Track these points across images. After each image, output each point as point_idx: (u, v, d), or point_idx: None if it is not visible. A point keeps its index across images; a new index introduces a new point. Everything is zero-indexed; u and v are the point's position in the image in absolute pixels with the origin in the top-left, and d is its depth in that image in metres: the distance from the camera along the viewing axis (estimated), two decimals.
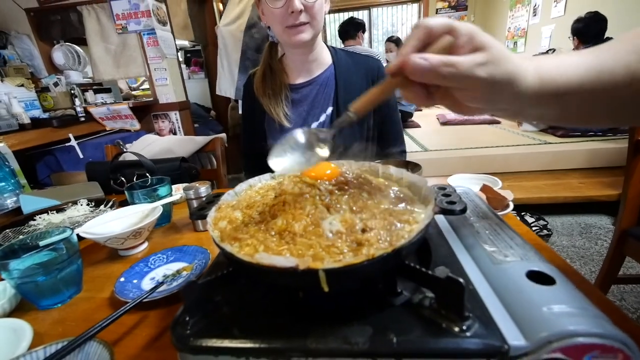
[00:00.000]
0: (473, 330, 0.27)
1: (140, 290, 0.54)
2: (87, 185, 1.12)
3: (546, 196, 2.24)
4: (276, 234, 0.33)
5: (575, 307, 0.26)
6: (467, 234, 0.40)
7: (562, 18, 3.93)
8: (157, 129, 2.97)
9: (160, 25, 2.67)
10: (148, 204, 0.74)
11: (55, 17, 2.74)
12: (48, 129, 2.14)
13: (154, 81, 2.79)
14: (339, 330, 0.29)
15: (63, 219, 0.89)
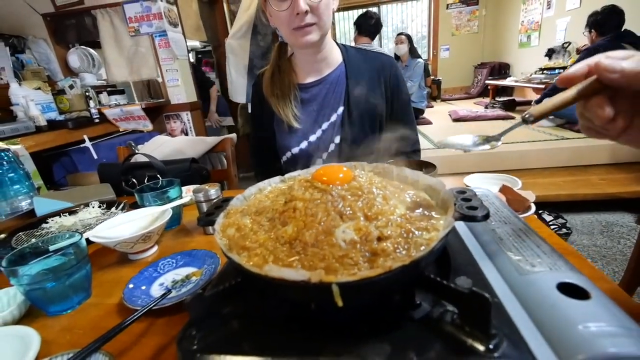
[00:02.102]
0: (501, 351, 0.24)
1: (149, 297, 0.53)
2: (99, 187, 1.13)
3: (564, 193, 2.17)
4: (286, 242, 0.31)
5: (615, 325, 0.24)
6: (488, 240, 0.38)
7: (578, 10, 3.81)
8: (168, 129, 3.02)
9: (171, 27, 2.71)
10: (157, 206, 0.73)
11: (70, 21, 2.81)
12: (64, 131, 2.20)
13: (166, 82, 2.84)
14: (355, 348, 0.27)
15: (75, 221, 0.88)
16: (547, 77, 3.68)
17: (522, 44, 5.39)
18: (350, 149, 0.92)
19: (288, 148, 0.97)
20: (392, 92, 0.96)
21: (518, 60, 5.56)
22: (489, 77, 5.62)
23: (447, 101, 5.98)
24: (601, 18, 2.52)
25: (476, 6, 6.20)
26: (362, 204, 0.33)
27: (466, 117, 3.87)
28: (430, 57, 6.67)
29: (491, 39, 6.31)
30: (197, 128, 3.00)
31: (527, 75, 4.42)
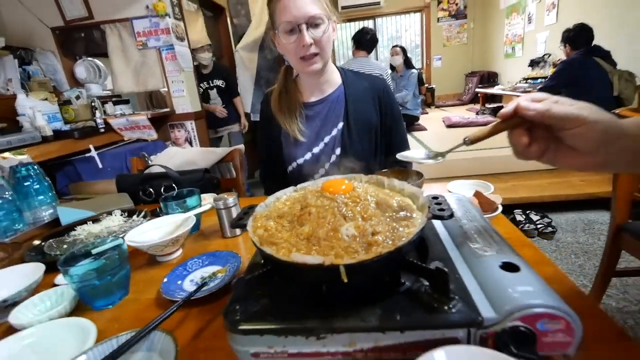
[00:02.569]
0: (457, 308, 0.36)
1: (183, 291, 0.63)
2: (118, 197, 1.22)
3: (549, 194, 2.30)
4: (304, 238, 0.42)
5: (531, 287, 0.35)
6: (457, 234, 0.49)
7: (555, 25, 4.12)
8: (172, 138, 3.11)
9: (178, 42, 2.83)
10: (181, 214, 0.83)
11: (79, 34, 2.91)
12: (69, 140, 2.25)
13: (172, 92, 2.95)
14: (356, 313, 0.38)
15: (101, 229, 0.97)
16: (530, 86, 3.92)
17: (507, 55, 5.66)
18: (350, 159, 1.04)
19: (294, 159, 1.08)
20: (385, 108, 1.08)
21: (504, 70, 5.82)
22: (479, 85, 5.86)
23: (441, 107, 6.21)
24: (573, 35, 2.76)
25: (465, 20, 6.54)
26: (360, 209, 0.44)
27: (459, 123, 4.03)
28: (424, 66, 6.95)
29: (480, 49, 6.63)
30: (201, 137, 3.11)
31: (512, 84, 4.67)
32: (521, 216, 2.26)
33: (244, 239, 0.83)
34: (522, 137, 0.40)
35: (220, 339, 0.49)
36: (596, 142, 0.37)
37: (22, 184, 1.15)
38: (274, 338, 0.38)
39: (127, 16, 2.74)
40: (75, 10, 2.75)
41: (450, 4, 6.56)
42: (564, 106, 0.37)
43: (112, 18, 2.76)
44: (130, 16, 2.74)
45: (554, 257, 1.91)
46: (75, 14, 2.77)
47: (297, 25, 0.90)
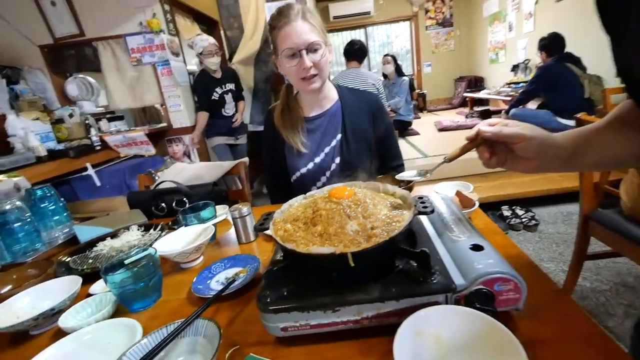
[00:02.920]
0: (437, 280, 0.47)
1: (211, 289, 0.72)
2: (132, 213, 1.28)
3: (532, 190, 2.46)
4: (317, 235, 0.53)
5: (491, 260, 0.47)
6: (439, 225, 0.61)
7: (533, 33, 4.40)
8: (171, 153, 3.14)
9: (174, 57, 2.88)
10: (200, 224, 0.94)
11: (69, 52, 2.90)
12: (65, 160, 2.23)
13: (168, 107, 2.99)
14: (362, 289, 0.49)
15: (122, 243, 1.02)
16: (512, 90, 4.15)
17: (492, 60, 5.93)
18: (348, 167, 1.16)
19: (297, 169, 1.20)
20: (378, 120, 1.21)
21: (490, 74, 6.10)
22: (467, 90, 6.11)
23: (433, 112, 6.46)
24: (548, 42, 3.00)
25: (451, 27, 6.88)
26: (361, 209, 0.56)
27: (449, 127, 4.21)
28: (414, 72, 7.22)
29: (466, 55, 6.94)
30: (199, 150, 3.16)
31: (497, 88, 4.91)
32: (508, 211, 2.41)
33: (257, 244, 0.93)
34: (484, 152, 0.54)
35: (250, 324, 0.60)
36: (535, 152, 0.51)
37: (39, 205, 1.21)
38: (298, 314, 0.49)
39: (120, 33, 2.77)
40: (65, 28, 2.77)
41: (437, 13, 6.86)
42: (511, 128, 0.51)
43: (105, 35, 2.78)
44: (123, 33, 2.77)
45: (538, 247, 2.06)
46: (65, 32, 2.78)
47: (298, 51, 1.02)
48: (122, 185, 2.51)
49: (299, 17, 1.02)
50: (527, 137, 0.50)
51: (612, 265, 1.79)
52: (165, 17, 2.80)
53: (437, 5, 6.83)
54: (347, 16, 6.57)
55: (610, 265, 1.79)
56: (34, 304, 0.74)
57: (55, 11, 2.73)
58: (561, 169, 0.54)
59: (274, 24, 1.05)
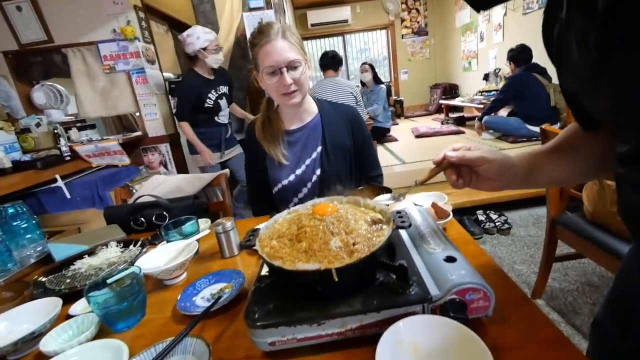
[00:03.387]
0: (415, 291, 0.51)
1: (196, 306, 0.72)
2: (109, 228, 1.24)
3: (504, 194, 2.57)
4: (303, 252, 0.56)
5: (463, 271, 0.51)
6: (417, 237, 0.65)
7: (503, 43, 4.64)
8: (146, 162, 3.05)
9: (149, 65, 2.81)
10: (184, 240, 0.94)
11: (36, 58, 2.78)
12: (32, 171, 2.12)
13: (144, 116, 2.91)
14: (345, 302, 0.52)
15: (101, 260, 0.99)
16: (485, 98, 4.34)
17: (465, 69, 6.18)
18: (328, 178, 1.19)
19: (279, 180, 1.22)
20: (356, 132, 1.25)
21: (464, 82, 6.35)
22: (443, 97, 6.33)
23: (410, 118, 6.66)
24: (516, 54, 3.18)
25: (426, 36, 7.18)
26: (343, 225, 0.59)
27: (426, 133, 4.34)
28: (392, 79, 7.40)
29: (441, 63, 7.22)
30: (176, 159, 3.09)
31: (470, 95, 5.12)
32: (482, 216, 2.51)
33: (241, 258, 0.94)
34: (451, 175, 0.60)
35: (237, 339, 0.61)
36: (496, 172, 0.57)
37: (10, 223, 1.16)
38: (285, 329, 0.52)
39: (92, 39, 2.69)
40: (31, 34, 2.67)
41: (413, 22, 7.12)
42: (474, 152, 0.57)
43: (75, 42, 2.69)
44: (95, 40, 2.69)
45: (511, 250, 2.16)
46: (31, 38, 2.68)
47: (278, 69, 1.05)
48: (94, 197, 2.42)
49: (279, 36, 1.05)
50: (488, 159, 0.56)
51: (578, 265, 1.90)
52: (140, 24, 2.75)
53: (413, 15, 7.09)
54: (324, 24, 6.70)
55: (577, 265, 1.90)
56: (11, 328, 0.72)
57: (21, 16, 2.63)
58: (520, 186, 0.60)
59: (254, 41, 1.08)
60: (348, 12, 6.65)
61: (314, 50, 7.27)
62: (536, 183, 0.60)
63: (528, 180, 0.59)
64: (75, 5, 2.62)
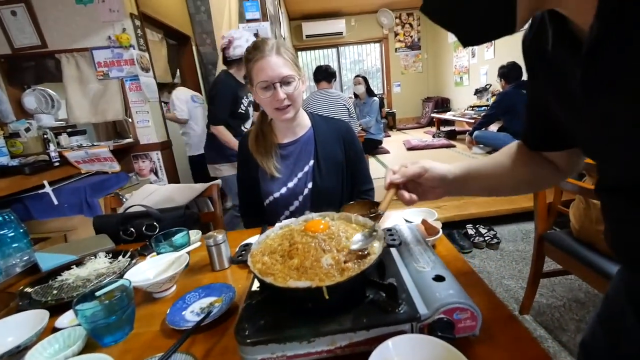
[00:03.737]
0: (404, 310, 0.52)
1: (185, 321, 0.71)
2: (98, 238, 1.22)
3: (494, 209, 2.61)
4: (294, 269, 0.56)
5: (451, 290, 0.52)
6: (406, 255, 0.66)
7: (493, 60, 4.76)
8: (136, 169, 3.02)
9: (143, 72, 2.81)
10: (174, 252, 0.94)
11: (28, 63, 2.76)
12: (19, 177, 2.08)
13: (136, 123, 2.90)
14: (335, 320, 0.53)
15: (89, 271, 0.98)
16: (475, 113, 4.44)
17: (457, 83, 6.32)
18: (320, 192, 1.20)
19: (271, 193, 1.23)
20: (348, 147, 1.27)
21: (455, 96, 6.49)
22: (435, 110, 6.44)
23: (402, 130, 6.74)
24: (506, 71, 3.27)
25: (419, 51, 7.35)
26: (334, 243, 0.60)
27: (418, 146, 4.41)
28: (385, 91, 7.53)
29: (433, 77, 7.38)
30: (167, 167, 3.07)
31: (462, 110, 5.23)
32: (472, 230, 2.53)
33: (231, 271, 0.94)
34: (403, 195, 0.66)
35: (226, 355, 0.61)
36: (436, 180, 0.64)
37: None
38: (275, 346, 0.52)
39: (86, 46, 2.69)
40: (25, 38, 2.66)
41: (406, 37, 7.30)
42: (412, 167, 0.64)
43: (69, 48, 2.69)
44: (90, 46, 2.69)
45: (499, 265, 2.18)
46: (25, 42, 2.67)
47: (272, 84, 1.07)
48: (82, 203, 2.37)
49: (274, 52, 1.07)
50: (426, 168, 0.64)
51: (565, 282, 1.93)
52: (135, 32, 2.75)
53: (406, 30, 7.28)
54: (319, 35, 6.83)
55: (564, 282, 1.93)
56: None
57: (16, 21, 2.63)
58: (460, 193, 0.67)
59: (249, 57, 1.10)
60: (343, 24, 6.80)
61: (308, 60, 7.38)
62: (471, 191, 0.67)
63: (464, 188, 0.66)
64: (71, 11, 2.63)
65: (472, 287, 0.69)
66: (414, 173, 0.64)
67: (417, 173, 0.64)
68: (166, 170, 3.07)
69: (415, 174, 0.64)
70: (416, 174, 0.64)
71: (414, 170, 0.64)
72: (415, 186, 0.67)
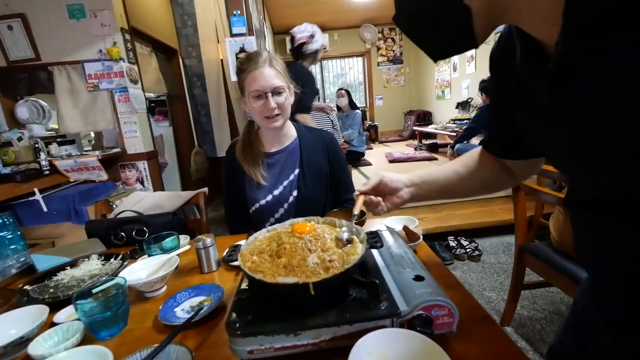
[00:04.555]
0: (385, 306, 0.56)
1: (177, 317, 0.74)
2: (90, 242, 1.26)
3: (475, 222, 2.68)
4: (283, 267, 0.60)
5: (430, 289, 0.56)
6: (387, 257, 0.71)
7: (475, 74, 4.91)
8: (123, 178, 3.06)
9: (132, 84, 2.87)
10: (165, 254, 0.96)
11: (22, 75, 2.83)
12: (10, 184, 2.15)
13: (124, 133, 2.95)
14: (320, 315, 0.56)
15: (83, 272, 1.03)
16: (457, 126, 4.55)
17: (438, 97, 6.47)
18: (304, 200, 1.24)
19: (257, 200, 1.26)
20: (332, 157, 1.32)
21: (437, 110, 6.63)
22: (416, 123, 6.55)
23: (384, 143, 6.83)
24: (487, 85, 3.37)
25: (401, 64, 7.47)
26: (320, 244, 0.64)
27: (400, 158, 4.48)
28: (367, 105, 7.64)
29: (415, 91, 7.52)
30: (153, 176, 3.11)
31: (443, 123, 5.35)
32: (454, 242, 2.60)
33: (219, 274, 0.97)
34: (371, 204, 0.75)
35: (216, 348, 0.64)
36: (394, 188, 0.74)
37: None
38: (263, 338, 0.55)
39: (78, 59, 2.76)
40: (20, 51, 2.73)
41: (388, 51, 7.44)
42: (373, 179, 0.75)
43: (62, 60, 2.76)
44: (81, 59, 2.77)
45: (481, 277, 2.24)
46: (20, 55, 2.74)
47: (264, 93, 1.12)
48: (70, 211, 2.43)
49: (267, 64, 1.13)
50: (384, 177, 0.74)
51: (546, 294, 1.98)
52: (125, 45, 2.84)
53: (388, 44, 7.44)
54: None
55: (545, 294, 1.98)
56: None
57: (12, 35, 2.72)
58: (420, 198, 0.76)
59: (243, 67, 1.15)
60: (326, 38, 6.92)
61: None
62: (427, 195, 0.76)
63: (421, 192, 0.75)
64: (65, 26, 2.71)
65: (451, 288, 0.74)
66: (374, 182, 0.74)
67: (377, 181, 0.74)
68: (152, 180, 3.11)
69: (375, 183, 0.74)
70: (376, 182, 0.74)
71: (374, 181, 0.75)
72: (382, 196, 0.75)
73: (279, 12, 5.74)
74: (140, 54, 3.27)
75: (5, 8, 2.61)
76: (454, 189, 0.73)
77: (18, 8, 2.63)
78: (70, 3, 2.64)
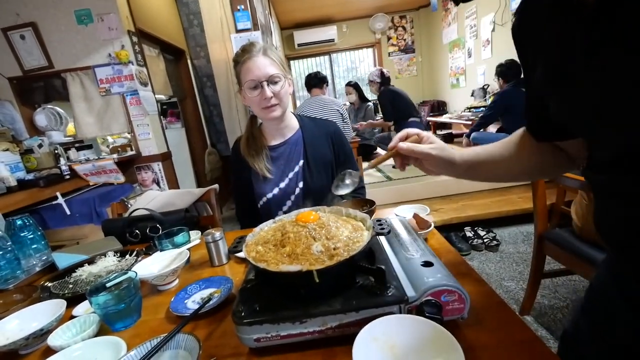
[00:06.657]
0: (392, 293, 0.54)
1: (187, 309, 0.75)
2: (107, 240, 1.30)
3: (493, 211, 2.61)
4: (286, 255, 0.59)
5: (439, 274, 0.55)
6: (396, 244, 0.69)
7: (491, 59, 4.69)
8: (139, 180, 3.13)
9: (142, 87, 2.92)
10: (175, 249, 0.97)
11: (38, 83, 2.92)
12: (35, 190, 2.25)
13: (137, 136, 3.01)
14: (326, 303, 0.55)
15: (100, 268, 1.07)
16: (472, 114, 4.38)
17: (453, 85, 6.26)
18: (311, 191, 1.23)
19: (264, 194, 1.26)
20: (336, 146, 1.30)
21: (451, 99, 6.43)
22: (430, 114, 6.39)
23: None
24: (505, 69, 3.23)
25: (413, 54, 7.24)
26: (324, 232, 0.62)
27: None
28: None
29: (428, 81, 7.29)
30: (168, 177, 3.16)
31: (458, 112, 5.17)
32: (470, 232, 2.54)
33: (229, 266, 0.97)
34: (398, 161, 0.65)
35: (225, 338, 0.64)
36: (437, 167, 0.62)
37: (19, 234, 1.24)
38: (270, 326, 0.55)
39: (89, 64, 2.83)
40: (34, 60, 2.82)
41: (399, 40, 7.22)
42: (421, 146, 0.61)
43: (74, 67, 2.83)
44: (92, 64, 2.82)
45: (499, 267, 2.18)
46: (34, 64, 2.83)
47: (259, 83, 1.11)
48: (91, 213, 2.53)
49: (260, 53, 1.12)
50: (432, 156, 0.60)
51: (568, 282, 1.92)
52: (133, 48, 2.88)
53: (399, 33, 7.18)
54: (311, 43, 6.82)
55: (567, 282, 1.92)
56: (22, 325, 0.78)
57: (25, 44, 2.80)
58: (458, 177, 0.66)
59: (237, 59, 1.15)
60: (334, 31, 6.78)
61: (301, 70, 7.37)
62: (479, 175, 0.66)
63: (465, 174, 0.65)
64: (73, 32, 2.77)
65: (463, 275, 0.71)
66: (420, 154, 0.61)
67: (423, 156, 0.61)
68: (167, 180, 3.17)
69: (420, 155, 0.61)
70: (422, 155, 0.61)
71: (421, 152, 0.61)
72: (414, 160, 0.64)
73: (285, 6, 5.66)
74: (149, 56, 3.31)
75: (17, 18, 2.69)
76: (509, 172, 0.64)
77: (28, 17, 2.70)
78: (77, 8, 2.70)
